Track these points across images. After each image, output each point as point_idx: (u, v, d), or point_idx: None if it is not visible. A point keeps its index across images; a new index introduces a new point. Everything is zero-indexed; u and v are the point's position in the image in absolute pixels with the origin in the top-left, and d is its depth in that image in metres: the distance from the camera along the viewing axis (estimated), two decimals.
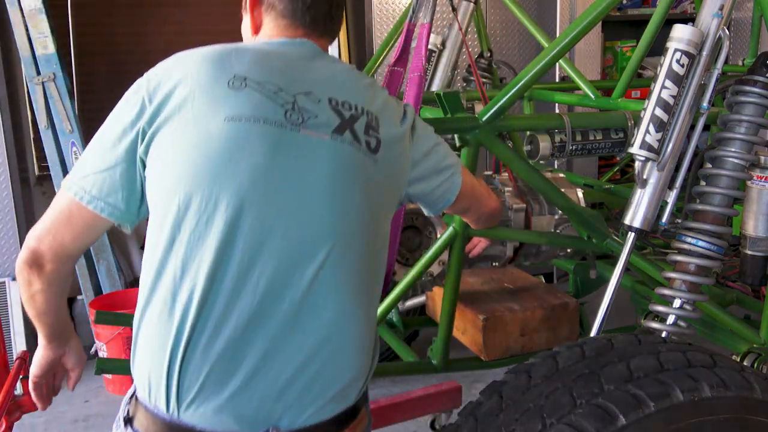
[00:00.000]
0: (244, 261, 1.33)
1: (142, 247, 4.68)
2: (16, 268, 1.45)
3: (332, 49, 4.83)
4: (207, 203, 1.31)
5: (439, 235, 2.29)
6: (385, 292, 2.30)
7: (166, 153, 1.34)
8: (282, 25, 1.51)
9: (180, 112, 1.34)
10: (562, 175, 2.73)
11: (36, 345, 1.62)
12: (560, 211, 2.48)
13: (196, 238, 1.32)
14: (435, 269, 2.43)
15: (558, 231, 2.50)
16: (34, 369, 1.63)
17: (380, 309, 2.26)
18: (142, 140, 1.36)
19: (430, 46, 3.30)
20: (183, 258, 1.32)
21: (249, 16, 1.56)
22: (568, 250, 2.63)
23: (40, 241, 1.41)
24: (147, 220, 1.41)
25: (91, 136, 1.44)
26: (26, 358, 2.26)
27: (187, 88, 1.35)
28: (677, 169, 2.06)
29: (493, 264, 2.54)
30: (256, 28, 1.55)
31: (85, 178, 1.38)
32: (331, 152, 1.39)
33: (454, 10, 2.79)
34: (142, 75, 1.47)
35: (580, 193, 2.53)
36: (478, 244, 2.37)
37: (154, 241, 1.36)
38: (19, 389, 2.26)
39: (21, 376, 2.21)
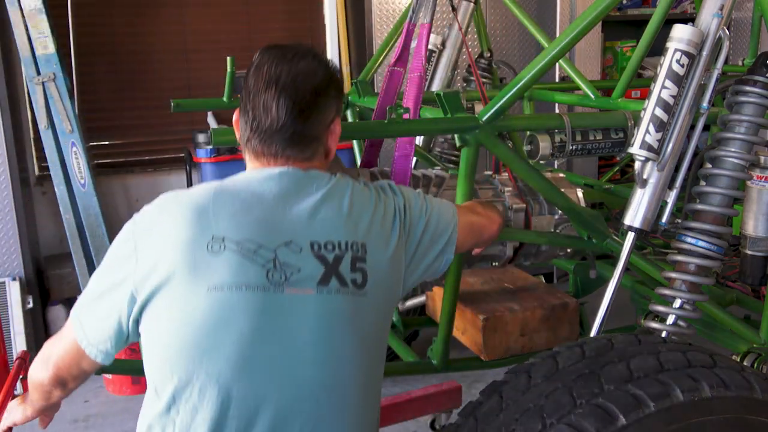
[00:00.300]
0: (240, 428, 1.35)
1: None
2: (35, 380, 1.56)
3: (332, 49, 4.84)
4: (198, 377, 1.34)
5: None
6: None
7: (159, 322, 1.38)
8: (257, 154, 1.49)
9: (167, 285, 1.36)
10: (562, 175, 2.73)
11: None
12: (560, 211, 2.48)
13: (191, 409, 1.35)
14: None
15: (558, 231, 2.50)
16: (17, 419, 1.74)
17: None
18: (134, 303, 1.40)
19: (430, 46, 3.29)
20: (180, 427, 1.36)
21: (236, 131, 1.57)
22: (568, 250, 2.62)
23: (59, 368, 1.52)
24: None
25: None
26: (26, 359, 2.25)
27: (169, 258, 1.36)
28: (677, 169, 2.06)
29: (493, 264, 2.54)
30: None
31: (86, 324, 1.47)
32: (317, 307, 1.39)
33: (454, 9, 2.79)
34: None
35: (580, 193, 2.53)
36: None
37: (152, 401, 1.41)
38: (19, 389, 2.25)
39: (21, 377, 2.21)
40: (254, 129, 1.46)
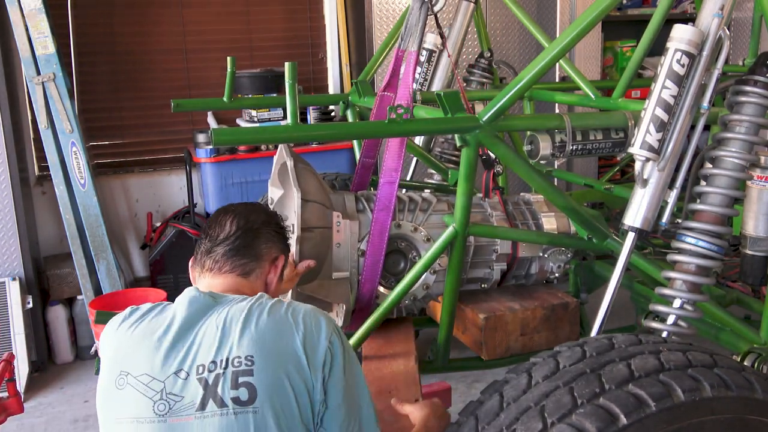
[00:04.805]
0: None
1: (143, 247, 4.67)
2: None
3: (332, 49, 4.84)
4: None
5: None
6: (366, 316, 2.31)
7: None
8: (202, 265, 1.68)
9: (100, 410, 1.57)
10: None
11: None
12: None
13: None
14: (419, 292, 2.40)
15: (547, 255, 2.49)
16: None
17: (384, 305, 2.26)
18: None
19: (430, 46, 3.30)
20: None
21: (191, 274, 1.75)
22: (556, 274, 2.57)
23: None
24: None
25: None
26: (11, 361, 2.25)
27: (101, 388, 1.56)
28: (677, 169, 2.06)
29: (482, 286, 2.52)
30: None
31: None
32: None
33: (443, 38, 2.80)
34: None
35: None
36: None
37: None
38: (3, 392, 2.24)
39: (6, 379, 2.19)
40: (207, 239, 1.69)
